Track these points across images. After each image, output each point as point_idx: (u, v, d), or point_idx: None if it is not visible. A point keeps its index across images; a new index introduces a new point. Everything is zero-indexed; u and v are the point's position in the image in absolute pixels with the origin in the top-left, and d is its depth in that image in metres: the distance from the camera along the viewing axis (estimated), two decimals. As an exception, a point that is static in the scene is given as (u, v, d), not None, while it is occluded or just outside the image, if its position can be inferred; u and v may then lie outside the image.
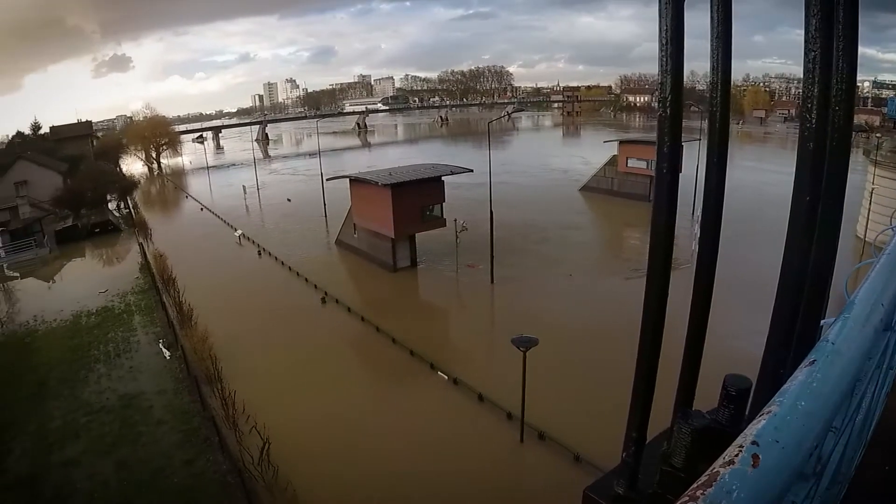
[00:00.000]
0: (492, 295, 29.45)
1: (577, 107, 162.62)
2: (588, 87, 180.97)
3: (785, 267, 2.85)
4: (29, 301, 35.94)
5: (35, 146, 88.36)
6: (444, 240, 34.34)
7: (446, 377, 20.81)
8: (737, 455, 1.15)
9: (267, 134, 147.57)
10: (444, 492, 15.28)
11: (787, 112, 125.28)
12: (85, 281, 38.86)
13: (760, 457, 1.14)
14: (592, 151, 69.95)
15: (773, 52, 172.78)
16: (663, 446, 2.97)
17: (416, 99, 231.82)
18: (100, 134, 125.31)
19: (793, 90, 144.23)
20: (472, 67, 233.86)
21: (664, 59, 2.67)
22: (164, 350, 26.11)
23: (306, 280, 33.04)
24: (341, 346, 25.22)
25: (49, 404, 21.89)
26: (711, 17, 2.72)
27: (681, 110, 2.81)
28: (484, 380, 20.11)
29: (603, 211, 46.93)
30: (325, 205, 46.44)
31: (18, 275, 43.11)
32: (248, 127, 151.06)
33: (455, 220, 32.01)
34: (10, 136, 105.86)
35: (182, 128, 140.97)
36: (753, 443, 1.17)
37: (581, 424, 16.95)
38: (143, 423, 20.13)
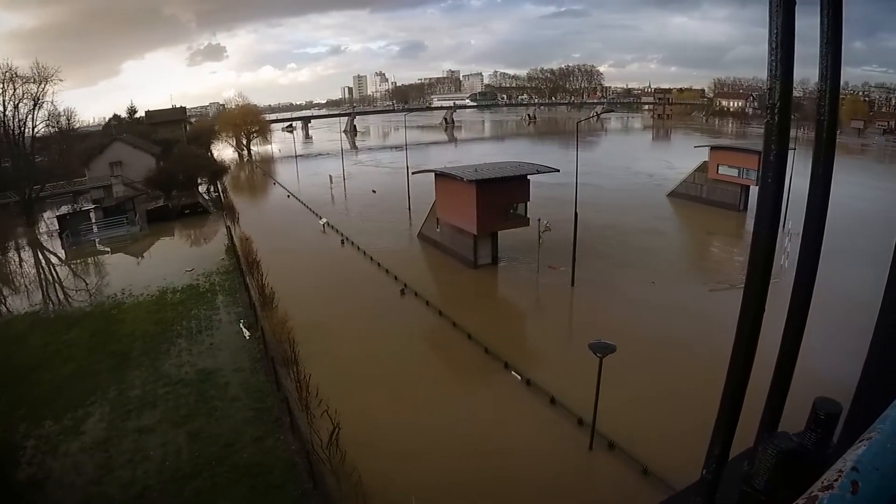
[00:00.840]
0: (571, 298, 34.62)
1: (667, 110, 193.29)
2: (680, 90, 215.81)
3: (889, 288, 3.07)
4: (118, 275, 46.30)
5: (131, 129, 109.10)
6: (526, 239, 40.95)
7: (519, 377, 24.69)
8: (836, 480, 1.33)
9: (355, 125, 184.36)
10: (507, 495, 18.19)
11: (886, 124, 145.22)
12: (172, 259, 48.84)
13: (860, 483, 1.32)
14: (680, 156, 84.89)
15: (873, 60, 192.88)
16: (745, 466, 3.49)
17: (505, 96, 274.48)
18: (193, 120, 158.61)
19: (893, 101, 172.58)
20: (562, 66, 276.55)
21: (773, 65, 2.99)
22: (244, 330, 31.81)
23: (387, 271, 40.59)
24: (417, 339, 30.54)
25: (130, 374, 28.11)
26: (821, 22, 3.09)
27: (789, 118, 3.17)
28: (557, 383, 23.74)
29: (689, 218, 54.56)
30: (409, 198, 57.27)
31: (109, 250, 55.56)
32: (337, 118, 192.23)
33: (539, 220, 37.97)
34: (106, 119, 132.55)
35: (272, 117, 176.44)
36: (853, 468, 1.35)
37: (652, 437, 19.90)
38: (218, 399, 24.99)
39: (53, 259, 56.03)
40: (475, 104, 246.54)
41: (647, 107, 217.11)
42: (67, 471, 20.79)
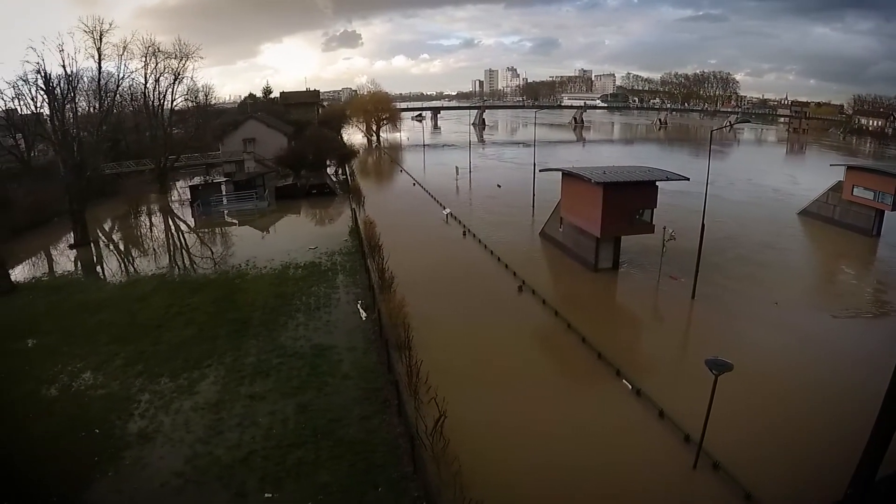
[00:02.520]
0: (690, 311, 35.19)
1: (803, 124, 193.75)
2: (818, 104, 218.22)
3: None
4: (243, 246, 50.22)
5: (265, 108, 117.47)
6: (647, 245, 42.44)
7: (630, 386, 25.45)
8: None
9: (484, 119, 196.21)
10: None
11: None
12: (297, 236, 52.32)
13: None
14: (809, 173, 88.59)
15: None
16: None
17: (636, 99, 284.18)
18: (325, 103, 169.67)
19: None
20: (697, 71, 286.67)
21: None
22: (361, 311, 33.24)
23: (506, 266, 42.40)
24: (530, 337, 32.02)
25: (247, 342, 30.09)
26: None
27: None
28: (668, 396, 24.32)
29: (817, 239, 54.23)
30: (533, 195, 59.89)
31: (236, 222, 60.83)
32: (467, 111, 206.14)
33: (664, 228, 38.72)
34: (242, 97, 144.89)
35: (403, 105, 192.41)
36: None
37: (759, 462, 20.20)
38: (329, 374, 26.20)
39: (183, 226, 61.89)
40: (605, 105, 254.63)
41: (782, 119, 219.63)
42: (178, 427, 22.49)
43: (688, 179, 40.57)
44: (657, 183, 40.52)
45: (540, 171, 55.67)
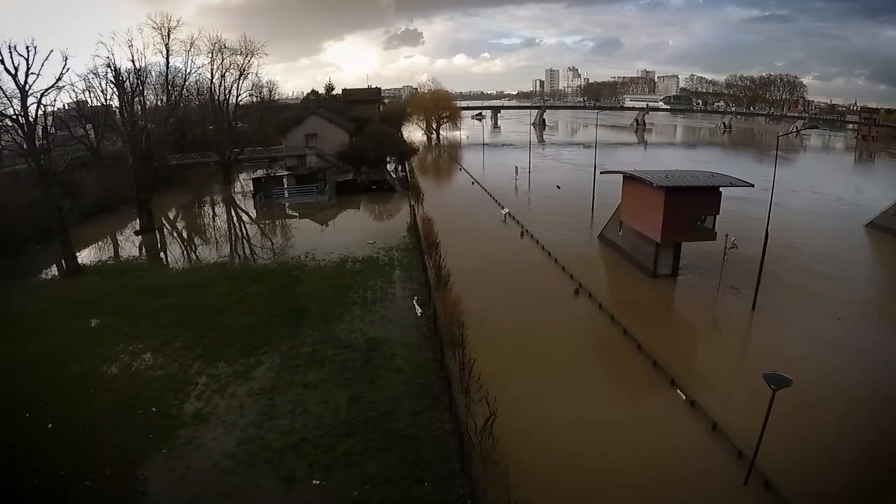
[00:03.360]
0: (750, 323, 34.27)
1: (873, 131, 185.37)
2: (888, 111, 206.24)
3: None
4: (302, 239, 51.53)
5: (327, 105, 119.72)
6: (707, 252, 41.63)
7: (684, 397, 25.15)
8: None
9: (544, 119, 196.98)
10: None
11: None
12: (355, 230, 53.34)
13: None
14: (879, 184, 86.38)
15: None
16: None
17: (700, 101, 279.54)
18: (386, 100, 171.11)
19: None
20: (763, 74, 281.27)
21: None
22: (416, 307, 33.44)
23: (563, 269, 42.36)
24: (584, 341, 31.80)
25: (304, 331, 30.72)
26: None
27: None
28: (722, 409, 23.77)
29: (885, 253, 51.81)
30: (593, 197, 60.01)
31: (297, 214, 62.64)
32: (527, 110, 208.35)
33: (726, 236, 38.21)
34: (305, 93, 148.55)
35: (463, 104, 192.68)
36: None
37: (812, 484, 19.68)
38: (382, 368, 26.44)
39: (245, 217, 63.98)
40: (668, 107, 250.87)
41: (850, 126, 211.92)
42: (232, 410, 23.15)
43: (752, 186, 39.88)
44: (720, 189, 39.87)
45: (601, 172, 55.55)
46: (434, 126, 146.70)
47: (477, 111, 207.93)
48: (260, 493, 18.28)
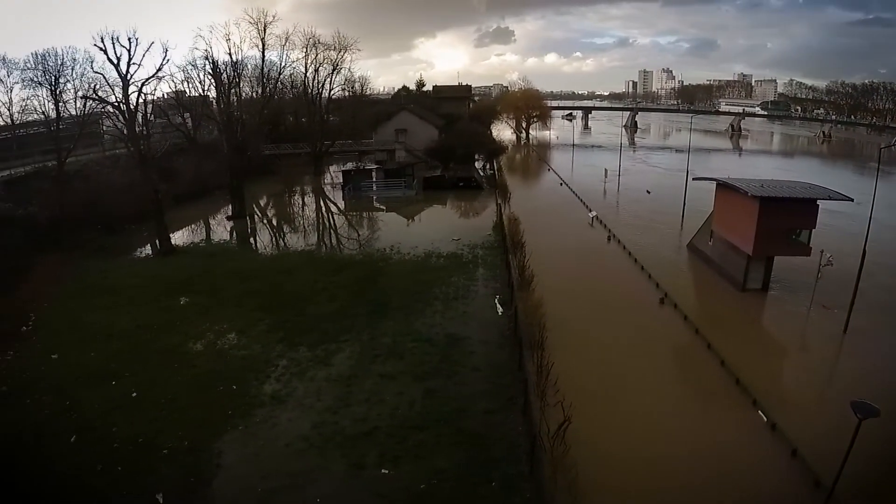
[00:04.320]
0: (840, 345, 32.43)
1: None
2: None
3: None
4: (388, 232, 52.35)
5: (418, 101, 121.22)
6: (798, 267, 39.47)
7: (765, 419, 24.04)
8: None
9: (636, 121, 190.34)
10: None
11: None
12: (441, 226, 53.67)
13: None
14: None
15: None
16: None
17: (798, 108, 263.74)
18: (476, 98, 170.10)
19: None
20: (866, 81, 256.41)
21: None
22: (498, 306, 33.28)
23: (649, 276, 41.17)
24: (667, 353, 30.81)
25: (385, 323, 31.17)
26: None
27: None
28: (804, 434, 22.49)
29: None
30: (684, 204, 57.82)
31: (384, 208, 63.80)
32: (619, 112, 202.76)
33: (821, 252, 36.00)
34: (396, 89, 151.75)
35: (553, 103, 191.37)
36: None
37: None
38: (460, 365, 26.49)
39: (333, 208, 65.65)
40: (765, 113, 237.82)
41: None
42: (309, 394, 23.86)
43: (851, 200, 38.03)
44: (818, 202, 37.98)
45: (693, 178, 54.30)
46: (523, 125, 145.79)
47: (567, 111, 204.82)
48: (329, 477, 18.78)
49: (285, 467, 19.06)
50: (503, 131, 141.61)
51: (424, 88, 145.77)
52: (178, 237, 50.49)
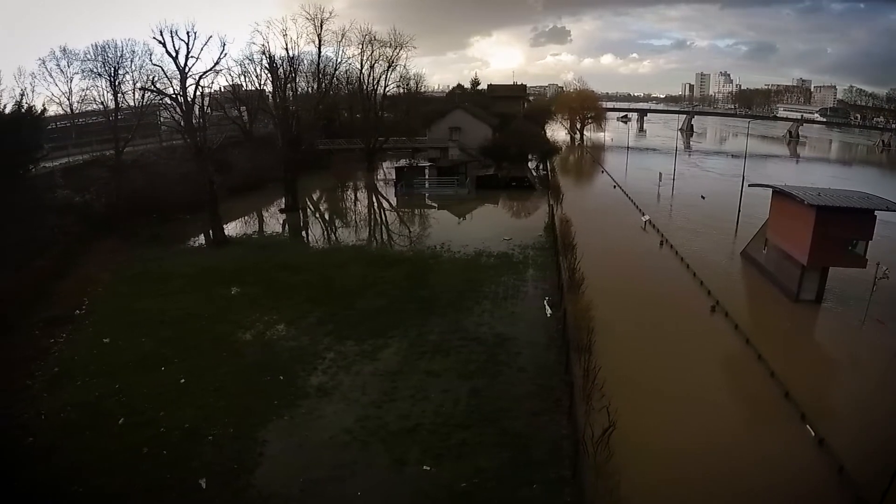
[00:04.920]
0: (894, 362, 31.57)
1: None
2: None
3: None
4: (439, 229, 52.65)
5: (472, 99, 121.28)
6: (854, 279, 38.55)
7: (813, 434, 23.44)
8: None
9: (692, 125, 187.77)
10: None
11: None
12: (492, 226, 53.60)
13: None
14: None
15: None
16: None
17: (858, 115, 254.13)
18: (531, 98, 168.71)
19: None
20: None
21: None
22: (547, 307, 33.03)
23: (701, 283, 40.47)
24: (715, 362, 30.33)
25: (433, 320, 31.26)
26: None
27: None
28: (852, 453, 21.90)
29: None
30: (738, 211, 56.75)
31: (436, 205, 64.21)
32: (675, 115, 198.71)
33: (877, 264, 35.64)
34: (450, 87, 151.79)
35: (608, 105, 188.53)
36: None
37: None
38: (506, 364, 26.41)
39: (385, 204, 66.29)
40: (824, 120, 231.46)
41: None
42: (354, 388, 24.05)
43: None
44: (875, 212, 37.06)
45: (749, 185, 53.08)
46: (578, 126, 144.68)
47: (623, 113, 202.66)
48: (371, 471, 18.94)
49: (328, 460, 19.25)
50: (557, 132, 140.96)
51: (479, 87, 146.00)
52: (231, 228, 51.74)
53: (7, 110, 41.71)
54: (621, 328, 31.47)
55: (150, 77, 53.93)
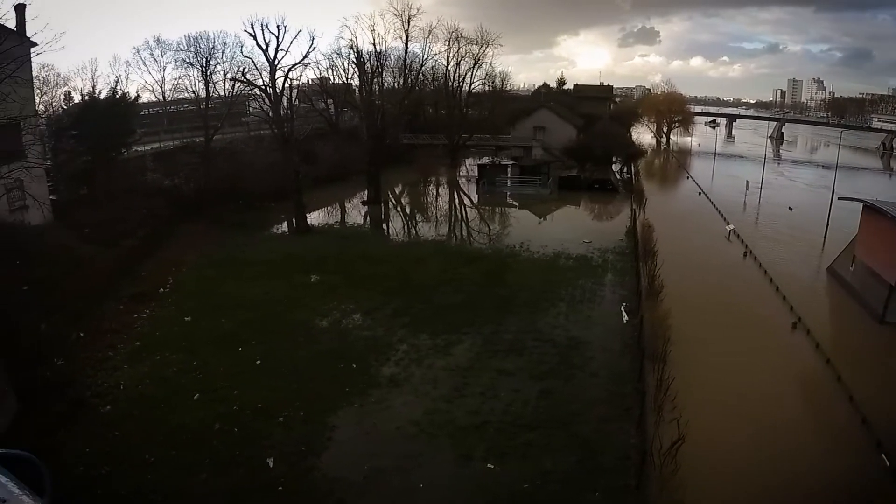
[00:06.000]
0: None
1: None
2: None
3: None
4: (519, 228, 52.66)
5: (557, 99, 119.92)
6: None
7: (888, 463, 22.22)
8: None
9: (783, 133, 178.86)
10: None
11: None
12: (572, 227, 53.01)
13: None
14: None
15: None
16: None
17: None
18: (617, 99, 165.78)
19: None
20: None
21: None
22: (624, 313, 32.29)
23: (784, 298, 38.48)
24: (793, 381, 28.95)
25: (508, 318, 31.10)
26: None
27: None
28: None
29: None
30: (827, 224, 54.23)
31: (517, 204, 64.21)
32: (765, 122, 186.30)
33: None
34: (536, 86, 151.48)
35: (697, 109, 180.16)
36: None
37: None
38: (578, 368, 26.01)
39: (466, 200, 66.79)
40: None
41: None
42: (425, 382, 24.24)
43: None
44: None
45: (839, 198, 50.71)
46: (664, 130, 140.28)
47: (711, 118, 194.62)
48: (435, 464, 19.06)
49: (394, 450, 19.41)
50: (643, 135, 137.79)
51: (565, 87, 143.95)
52: (314, 218, 52.88)
53: (102, 96, 44.19)
54: (698, 339, 30.37)
55: (241, 68, 56.24)
